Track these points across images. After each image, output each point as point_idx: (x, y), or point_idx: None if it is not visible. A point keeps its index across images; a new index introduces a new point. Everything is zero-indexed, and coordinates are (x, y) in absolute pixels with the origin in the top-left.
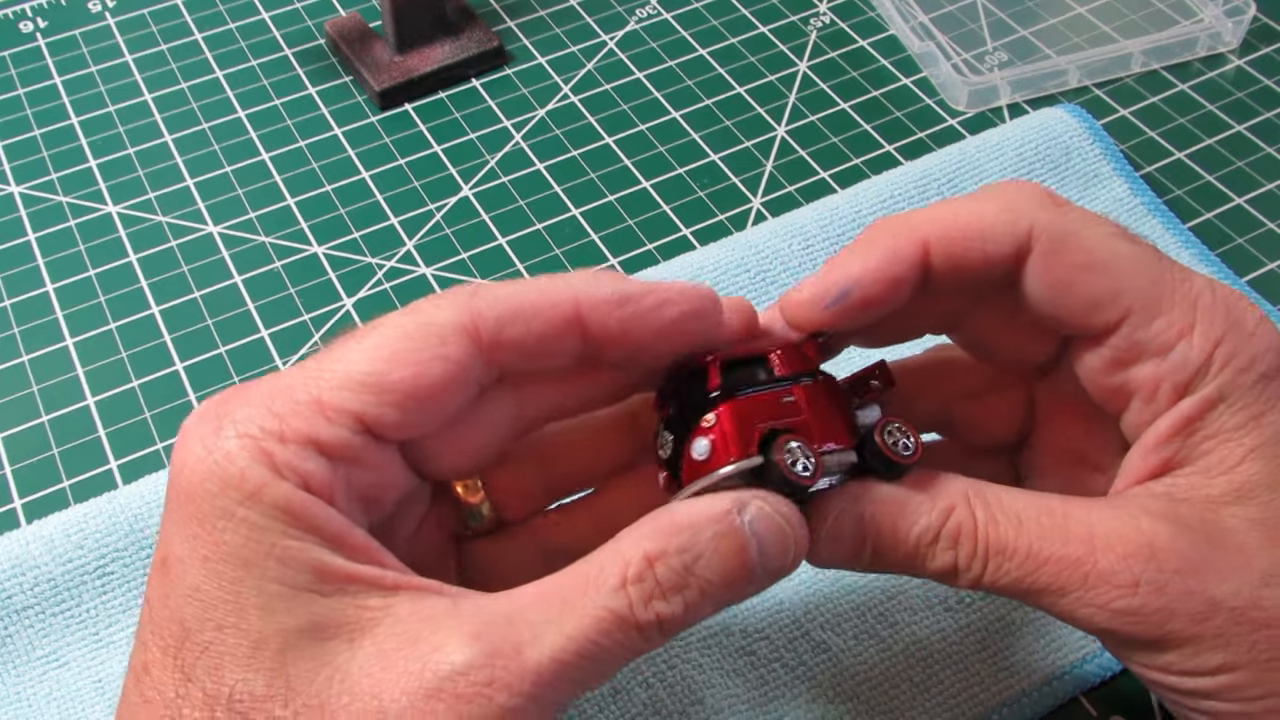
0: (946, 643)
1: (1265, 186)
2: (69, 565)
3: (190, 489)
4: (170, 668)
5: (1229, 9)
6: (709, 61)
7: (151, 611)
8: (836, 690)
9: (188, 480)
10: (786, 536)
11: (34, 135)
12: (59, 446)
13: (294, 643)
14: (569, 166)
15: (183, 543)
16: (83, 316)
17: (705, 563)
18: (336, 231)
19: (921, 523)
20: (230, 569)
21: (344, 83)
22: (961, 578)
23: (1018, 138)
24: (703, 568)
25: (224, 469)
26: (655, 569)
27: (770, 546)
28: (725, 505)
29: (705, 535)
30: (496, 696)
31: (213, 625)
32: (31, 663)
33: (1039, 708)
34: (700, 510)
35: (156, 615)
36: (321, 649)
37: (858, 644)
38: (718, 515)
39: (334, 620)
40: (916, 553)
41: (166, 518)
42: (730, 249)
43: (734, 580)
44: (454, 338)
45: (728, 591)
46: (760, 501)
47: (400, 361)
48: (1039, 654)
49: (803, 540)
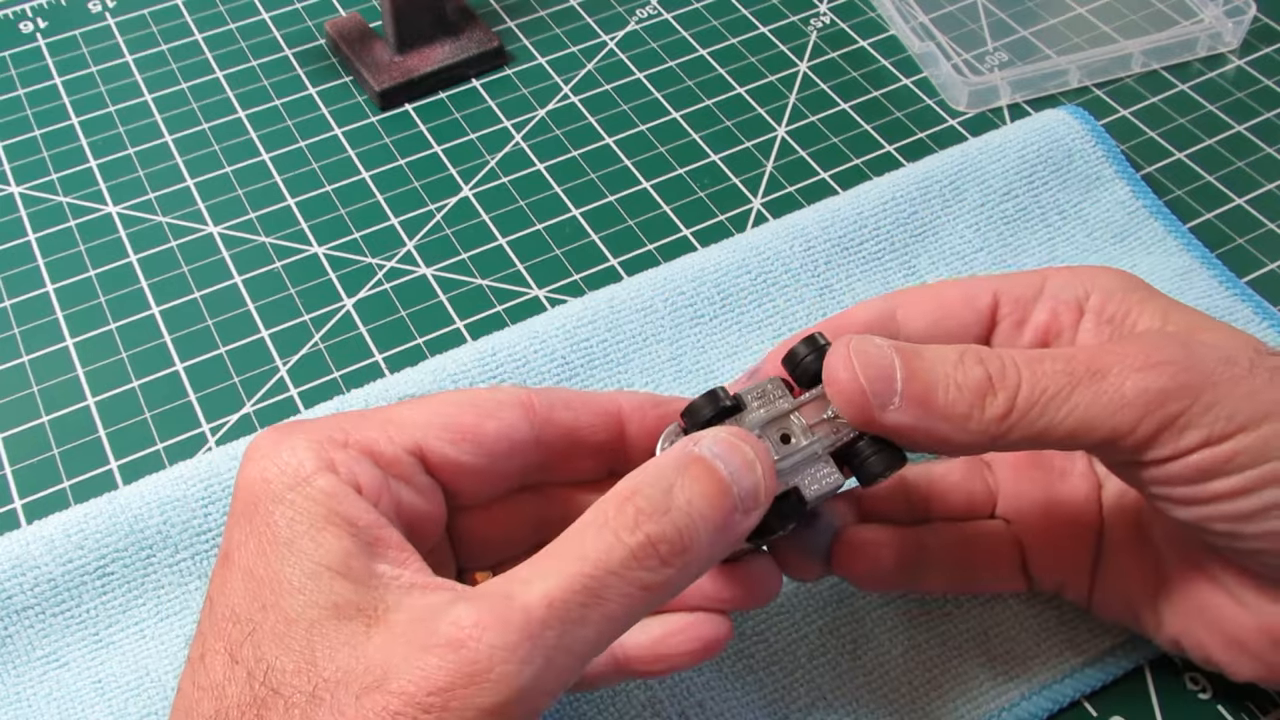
0: (945, 647)
1: (1265, 186)
2: (69, 565)
3: (254, 485)
4: (221, 653)
5: (1229, 9)
6: (709, 62)
7: (211, 606)
8: (835, 694)
9: (252, 478)
10: (744, 451)
11: (34, 135)
12: (59, 447)
13: (320, 621)
14: (569, 167)
15: (241, 532)
16: (83, 317)
17: (680, 488)
18: (337, 232)
19: None
20: (276, 549)
21: (344, 83)
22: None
23: (1020, 140)
24: (679, 492)
25: (286, 463)
26: (634, 500)
27: (734, 463)
28: (680, 445)
29: (670, 469)
30: (485, 636)
31: (259, 605)
32: (31, 663)
33: (1039, 712)
34: (660, 458)
35: (215, 607)
36: (343, 628)
37: (855, 648)
38: (676, 452)
39: (357, 604)
40: None
41: (230, 518)
42: (731, 250)
43: (714, 499)
44: (511, 406)
45: (713, 511)
46: (709, 433)
47: (462, 410)
48: (1039, 658)
49: (763, 453)
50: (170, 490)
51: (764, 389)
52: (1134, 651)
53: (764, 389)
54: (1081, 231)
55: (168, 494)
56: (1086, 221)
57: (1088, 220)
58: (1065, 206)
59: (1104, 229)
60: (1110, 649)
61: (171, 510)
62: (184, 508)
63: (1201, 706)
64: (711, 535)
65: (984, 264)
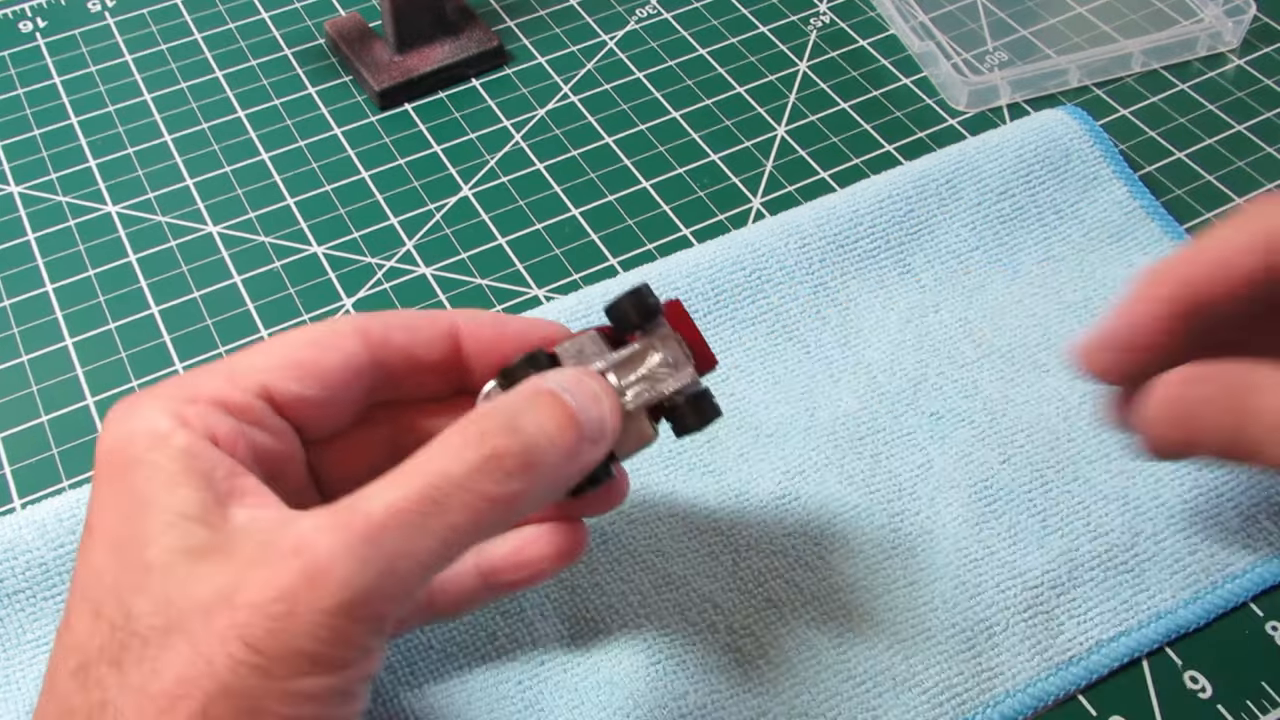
0: (930, 642)
1: (1265, 186)
2: (61, 550)
3: (112, 452)
4: (85, 613)
5: (1229, 9)
6: (709, 61)
7: (75, 576)
8: (819, 686)
9: (110, 446)
10: (590, 385)
11: (34, 135)
12: (58, 447)
13: (176, 564)
14: (569, 166)
15: (102, 500)
16: (82, 316)
17: (529, 414)
18: (336, 231)
19: None
20: (136, 507)
21: (344, 83)
22: None
23: (1017, 139)
24: (529, 417)
25: (141, 426)
26: (480, 423)
27: (581, 396)
28: (528, 381)
29: (519, 399)
30: (324, 539)
31: (120, 563)
32: (22, 646)
33: (1022, 709)
34: (507, 394)
35: (79, 576)
36: (197, 567)
37: (840, 639)
38: (525, 387)
39: (212, 545)
40: None
41: (92, 489)
42: (727, 247)
43: (563, 424)
44: (350, 336)
45: (560, 435)
46: (555, 371)
47: (302, 347)
48: (1024, 655)
49: (608, 390)
50: None
51: (580, 345)
52: (1129, 648)
53: (580, 345)
54: (1078, 231)
55: None
56: (1083, 221)
57: (1084, 220)
58: (1062, 206)
59: (1101, 229)
60: (1101, 643)
61: None
62: None
63: (1201, 706)
64: (560, 458)
65: (980, 262)
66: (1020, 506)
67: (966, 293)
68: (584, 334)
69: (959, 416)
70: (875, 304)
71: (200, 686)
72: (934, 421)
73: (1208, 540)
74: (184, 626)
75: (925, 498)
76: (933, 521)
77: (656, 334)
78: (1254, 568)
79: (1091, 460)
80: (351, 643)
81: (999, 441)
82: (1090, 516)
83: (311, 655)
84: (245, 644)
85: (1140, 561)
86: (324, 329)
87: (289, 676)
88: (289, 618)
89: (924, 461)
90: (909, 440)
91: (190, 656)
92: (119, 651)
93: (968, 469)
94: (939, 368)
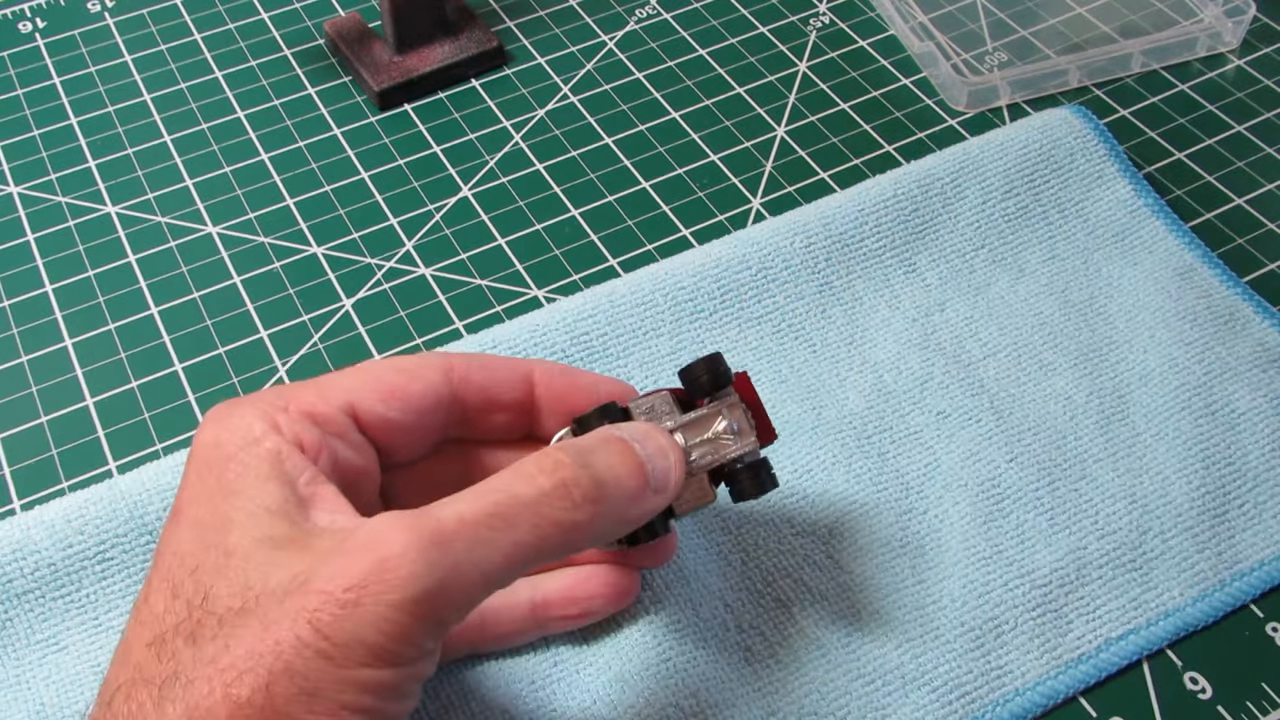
0: (939, 640)
1: (1265, 186)
2: (69, 550)
3: (208, 447)
4: (164, 591)
5: (1229, 9)
6: (709, 62)
7: (158, 556)
8: (828, 685)
9: (207, 441)
10: (659, 439)
11: (33, 135)
12: (58, 447)
13: (256, 551)
14: (568, 167)
15: (193, 489)
16: (82, 317)
17: (601, 455)
18: (336, 232)
19: None
20: (224, 499)
21: (343, 83)
22: None
23: (1022, 138)
24: (600, 457)
25: (237, 428)
26: (554, 455)
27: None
28: (601, 429)
29: (592, 440)
30: (397, 538)
31: (203, 546)
32: (31, 647)
33: (1032, 707)
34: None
35: (162, 556)
36: (276, 555)
37: (849, 638)
38: (598, 433)
39: (291, 538)
40: None
41: (184, 480)
42: (733, 246)
43: (632, 469)
44: (435, 368)
45: (629, 478)
46: (628, 424)
47: (389, 372)
48: (1032, 654)
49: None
50: (170, 477)
51: (652, 404)
52: (1138, 646)
53: (652, 404)
54: (1082, 230)
55: (167, 481)
56: (1087, 220)
57: (1089, 219)
58: (1066, 205)
59: (1105, 227)
60: (1110, 641)
61: (171, 497)
62: None
63: (1201, 706)
64: (624, 499)
65: (984, 261)
66: (1028, 505)
67: (971, 291)
68: (657, 393)
69: (965, 415)
70: (881, 303)
71: (265, 663)
72: (940, 420)
73: (1215, 539)
74: (258, 609)
75: (933, 497)
76: (940, 520)
77: (725, 401)
78: (1261, 566)
79: (1099, 459)
80: (412, 640)
81: (1006, 440)
82: (1098, 515)
83: (373, 647)
84: (314, 628)
85: (1148, 560)
86: (412, 360)
87: (350, 665)
88: (357, 607)
89: (931, 460)
90: (916, 439)
91: (260, 635)
92: (194, 628)
93: (975, 468)
94: (945, 367)
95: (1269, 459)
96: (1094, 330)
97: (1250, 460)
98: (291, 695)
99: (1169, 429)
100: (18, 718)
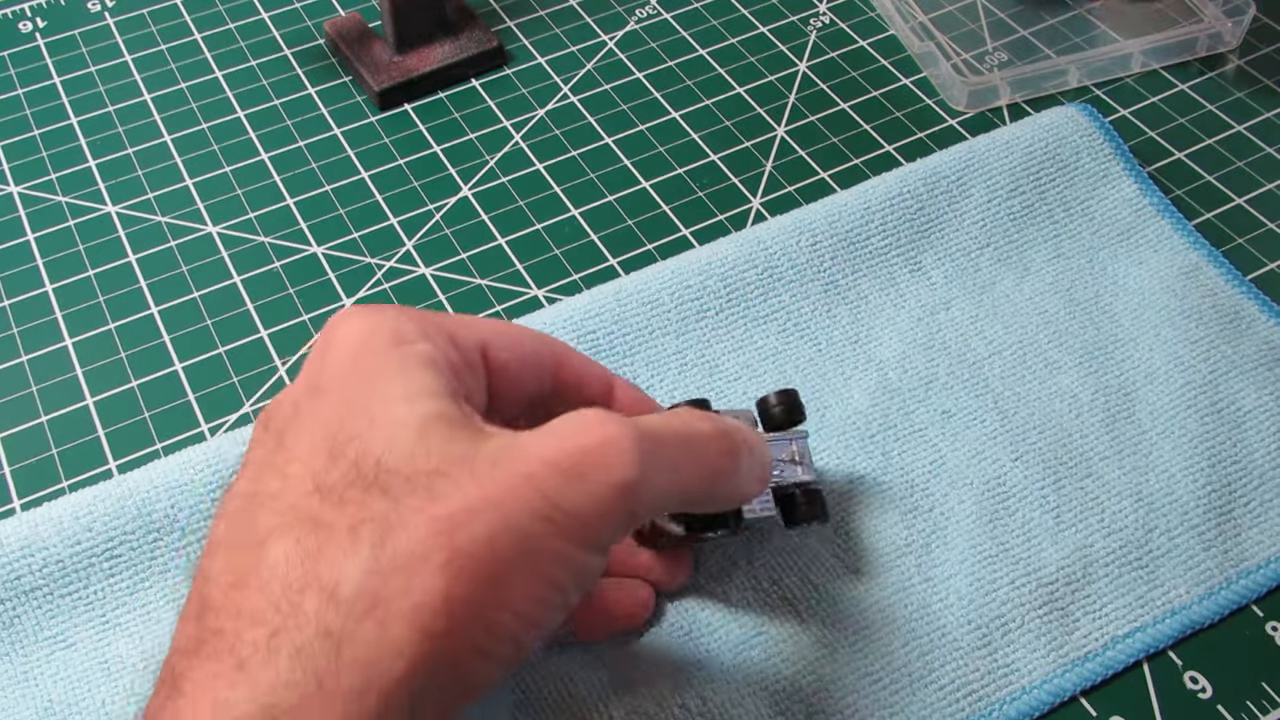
0: (946, 639)
1: (1265, 186)
2: (77, 548)
3: (356, 337)
4: (321, 453)
5: (1229, 9)
6: (709, 61)
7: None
8: (835, 683)
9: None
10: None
11: (33, 135)
12: (58, 447)
13: (431, 424)
14: (568, 166)
15: (338, 369)
16: (82, 316)
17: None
18: (336, 232)
19: None
20: (381, 382)
21: (343, 83)
22: None
23: (1027, 136)
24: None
25: (386, 323)
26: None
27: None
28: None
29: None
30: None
31: (364, 420)
32: (39, 643)
33: (1039, 705)
34: None
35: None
36: (456, 431)
37: (856, 637)
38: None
39: (463, 420)
40: None
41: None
42: (737, 245)
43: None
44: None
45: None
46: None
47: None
48: (1039, 652)
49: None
50: (178, 475)
51: (737, 415)
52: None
53: (737, 415)
54: (1087, 228)
55: (176, 479)
56: (1093, 219)
57: (1094, 217)
58: (1071, 203)
59: (1110, 226)
60: (1116, 639)
61: (179, 495)
62: (192, 492)
63: (1201, 706)
64: (749, 463)
65: (989, 260)
66: (1033, 503)
67: (977, 290)
68: (743, 412)
69: (970, 414)
70: (886, 302)
71: (485, 518)
72: (946, 419)
73: (1221, 537)
74: (460, 471)
75: (938, 495)
76: (946, 519)
77: (795, 432)
78: (1267, 564)
79: (1104, 457)
80: (616, 525)
81: (1011, 439)
82: (1104, 513)
83: (587, 524)
84: (540, 492)
85: (1154, 558)
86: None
87: (564, 536)
88: (583, 481)
89: (936, 459)
90: (921, 438)
91: (474, 493)
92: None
93: (980, 466)
94: (950, 366)
95: (1274, 457)
96: (1099, 328)
97: (1256, 458)
98: (512, 554)
99: (1175, 427)
100: (26, 714)
